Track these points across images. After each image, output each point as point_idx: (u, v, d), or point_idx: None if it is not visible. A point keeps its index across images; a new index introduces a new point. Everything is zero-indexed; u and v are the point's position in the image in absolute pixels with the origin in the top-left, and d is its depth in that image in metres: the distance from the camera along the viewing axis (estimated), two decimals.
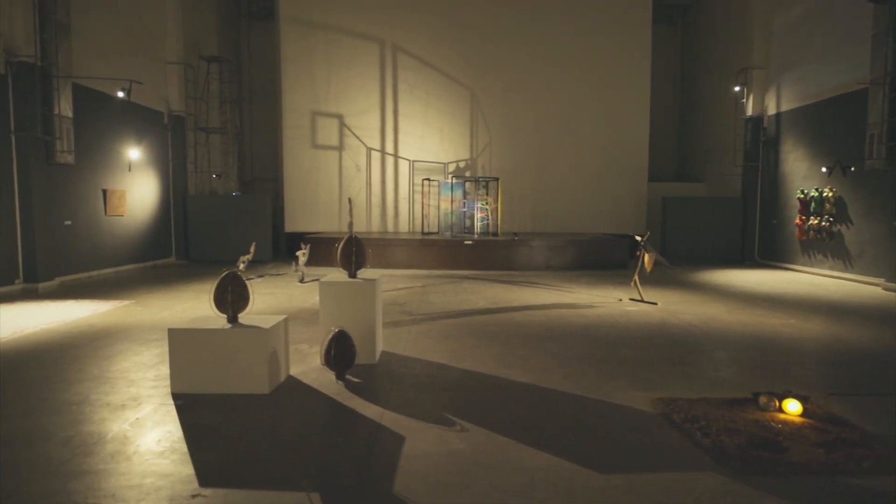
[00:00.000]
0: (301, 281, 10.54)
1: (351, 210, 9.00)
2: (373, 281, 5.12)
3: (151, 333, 6.34)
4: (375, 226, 16.71)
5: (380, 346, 5.47)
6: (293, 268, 11.11)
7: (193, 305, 8.23)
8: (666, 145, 19.00)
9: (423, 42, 16.60)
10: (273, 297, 8.89)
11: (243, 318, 4.57)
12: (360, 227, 16.56)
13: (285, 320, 4.73)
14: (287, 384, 4.58)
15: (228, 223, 14.51)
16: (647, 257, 8.53)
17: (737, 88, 14.98)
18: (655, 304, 8.42)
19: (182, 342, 4.31)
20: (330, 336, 4.61)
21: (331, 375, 4.71)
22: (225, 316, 4.47)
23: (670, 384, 4.64)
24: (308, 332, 6.32)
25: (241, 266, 11.04)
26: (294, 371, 4.91)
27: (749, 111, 14.80)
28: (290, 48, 16.35)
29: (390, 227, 16.76)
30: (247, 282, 4.56)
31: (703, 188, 17.49)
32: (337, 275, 5.42)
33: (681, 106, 19.34)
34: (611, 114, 16.63)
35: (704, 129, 17.67)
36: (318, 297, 5.15)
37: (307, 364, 5.13)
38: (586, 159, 16.69)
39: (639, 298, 8.64)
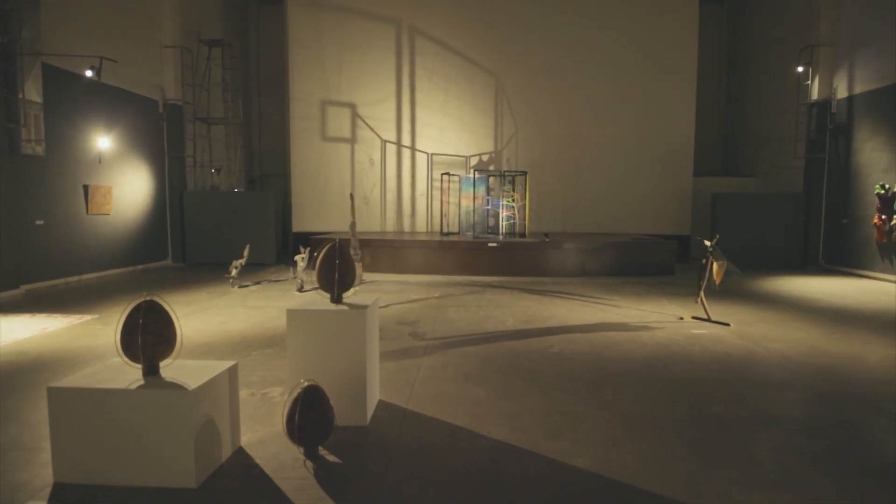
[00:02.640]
0: (300, 290, 9.13)
1: (353, 207, 7.60)
2: (363, 308, 3.63)
3: (92, 366, 4.95)
4: (390, 225, 15.27)
5: (374, 398, 3.98)
6: (291, 274, 9.71)
7: None
8: (710, 136, 17.09)
9: (444, 24, 15.09)
10: (260, 313, 7.48)
11: (168, 368, 3.12)
12: (373, 226, 15.14)
13: (231, 370, 3.26)
14: (230, 467, 3.12)
15: (229, 222, 13.19)
16: (716, 266, 6.89)
17: (799, 69, 13.11)
18: (728, 325, 6.78)
19: (69, 406, 2.88)
20: (294, 396, 3.13)
21: (299, 450, 3.24)
22: (139, 367, 3.02)
23: (817, 479, 3.04)
24: None
25: (234, 272, 9.71)
26: (250, 439, 3.45)
27: (814, 95, 12.93)
28: (298, 32, 14.99)
29: (406, 227, 15.31)
30: (171, 313, 3.11)
31: (753, 183, 15.63)
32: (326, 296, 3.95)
33: (727, 93, 17.46)
34: (652, 101, 14.88)
35: (756, 117, 15.80)
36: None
37: (273, 424, 3.66)
38: (624, 152, 14.99)
39: (705, 317, 7.01)
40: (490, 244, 11.63)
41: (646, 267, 11.73)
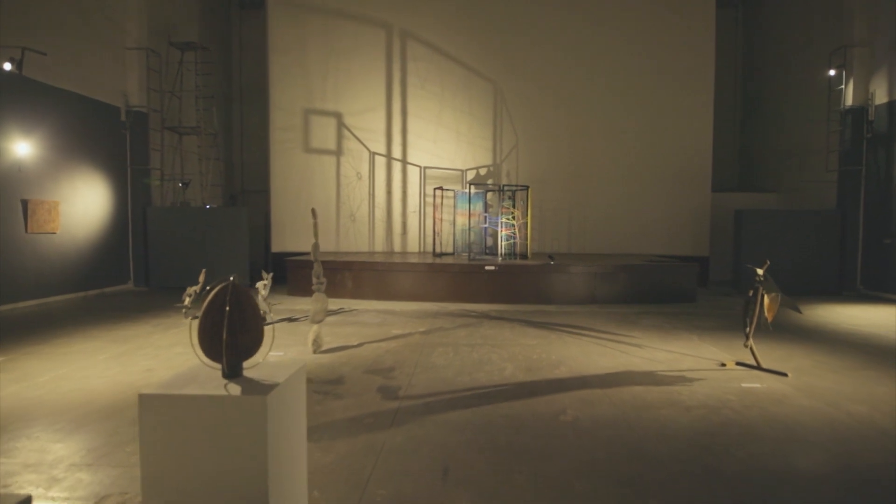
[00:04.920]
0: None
1: (315, 225, 6.26)
2: (266, 392, 2.23)
3: None
4: (379, 244, 13.92)
5: None
6: None
7: (83, 368, 5.47)
8: (724, 149, 15.77)
9: (438, 27, 13.92)
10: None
11: None
12: (361, 246, 13.80)
13: None
14: None
15: (199, 241, 11.88)
16: (767, 300, 5.50)
17: (831, 73, 11.84)
18: (784, 374, 5.36)
19: None
20: None
21: None
22: None
23: None
24: None
25: (187, 301, 8.31)
26: None
27: (848, 101, 11.65)
28: (279, 35, 13.83)
29: (397, 247, 13.97)
30: None
31: (775, 199, 14.30)
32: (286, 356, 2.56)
33: (743, 103, 16.22)
34: (665, 111, 13.64)
35: (777, 128, 14.51)
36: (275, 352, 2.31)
37: None
38: (635, 165, 13.70)
39: (754, 364, 5.59)
40: (487, 267, 10.25)
41: (664, 293, 10.34)
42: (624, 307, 9.74)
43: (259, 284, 7.88)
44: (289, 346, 6.55)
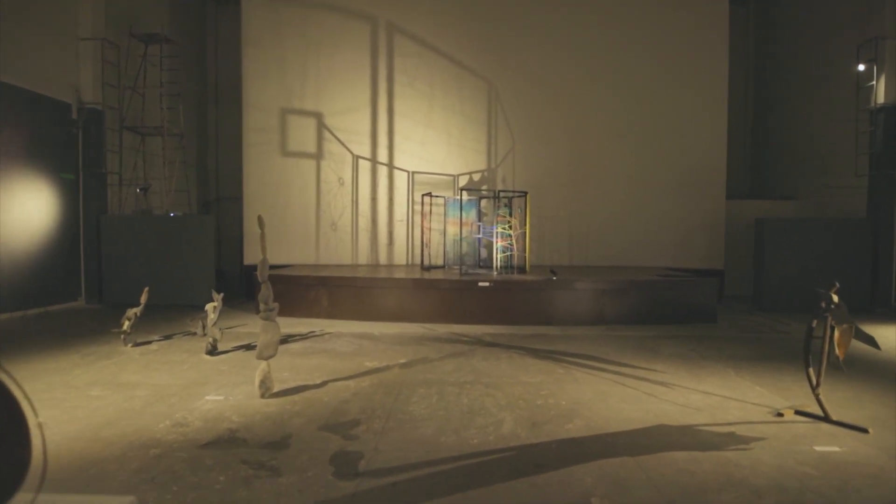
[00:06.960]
0: (211, 352, 6.47)
1: (263, 237, 5.01)
2: None
3: None
4: (363, 256, 12.68)
5: None
6: (200, 329, 7.02)
7: None
8: (735, 154, 14.60)
9: (428, 21, 12.78)
10: (123, 397, 4.78)
11: None
12: (343, 258, 12.56)
13: None
14: None
15: (160, 253, 10.62)
16: (837, 333, 4.30)
17: (860, 68, 10.76)
18: (865, 430, 4.15)
19: None
20: None
21: None
22: None
23: None
24: None
25: (126, 325, 7.03)
26: None
27: (880, 98, 10.55)
28: (255, 28, 12.66)
29: (383, 259, 12.73)
30: None
31: (794, 207, 13.17)
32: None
33: (755, 105, 15.15)
34: (674, 112, 12.54)
35: (794, 130, 13.42)
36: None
37: None
38: (642, 170, 12.56)
39: (821, 415, 4.38)
40: (481, 283, 9.02)
41: (681, 313, 9.15)
42: (637, 329, 8.52)
43: (209, 307, 6.65)
44: (236, 384, 5.29)
